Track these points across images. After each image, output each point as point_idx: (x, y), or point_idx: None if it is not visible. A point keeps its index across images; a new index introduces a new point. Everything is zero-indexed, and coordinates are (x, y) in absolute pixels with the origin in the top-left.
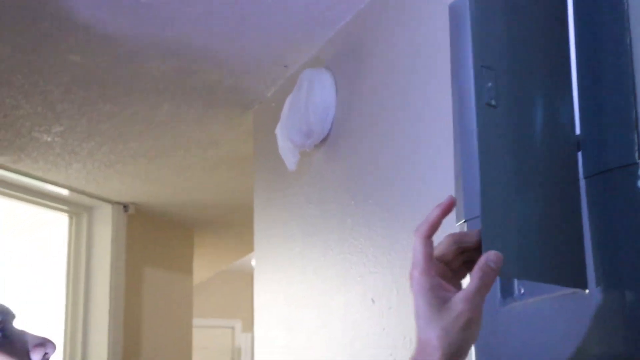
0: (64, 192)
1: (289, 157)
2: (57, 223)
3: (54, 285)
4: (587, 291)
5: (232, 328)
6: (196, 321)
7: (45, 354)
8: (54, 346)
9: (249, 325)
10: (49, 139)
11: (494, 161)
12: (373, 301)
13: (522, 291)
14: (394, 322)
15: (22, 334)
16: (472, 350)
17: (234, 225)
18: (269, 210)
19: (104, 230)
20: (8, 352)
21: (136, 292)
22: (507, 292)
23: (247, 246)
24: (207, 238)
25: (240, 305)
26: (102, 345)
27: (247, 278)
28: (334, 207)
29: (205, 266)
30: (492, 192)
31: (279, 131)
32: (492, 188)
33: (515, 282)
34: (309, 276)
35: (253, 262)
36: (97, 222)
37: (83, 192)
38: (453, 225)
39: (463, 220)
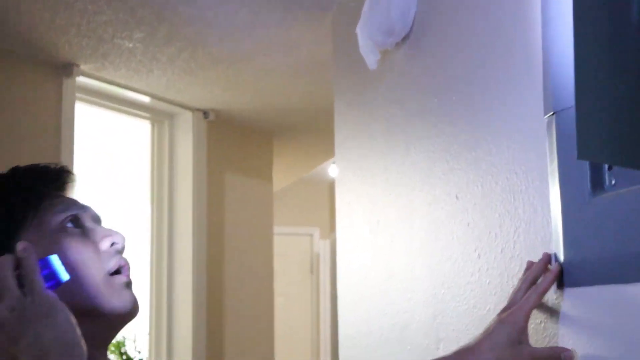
0: (146, 99)
1: (370, 56)
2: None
3: (137, 192)
4: None
5: (311, 235)
6: (275, 229)
7: (113, 243)
8: (122, 237)
9: (326, 233)
10: (130, 45)
11: (589, 46)
12: (457, 197)
13: (614, 182)
14: (478, 217)
15: (94, 227)
16: (560, 241)
17: (313, 131)
18: (350, 111)
19: (185, 137)
20: (78, 239)
21: (218, 198)
22: (597, 184)
23: (326, 153)
24: (286, 145)
25: (318, 213)
26: (186, 250)
27: (324, 186)
28: (416, 105)
29: (283, 174)
30: (587, 79)
31: (359, 30)
32: (587, 75)
33: (606, 173)
34: (392, 175)
35: (331, 170)
36: (178, 129)
37: (164, 99)
38: (540, 117)
39: (552, 113)
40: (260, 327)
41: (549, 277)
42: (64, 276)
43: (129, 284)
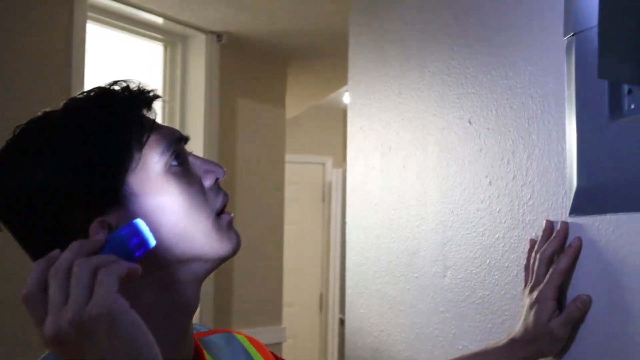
0: (159, 20)
1: None
2: (152, 52)
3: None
4: None
5: (323, 164)
6: (287, 157)
7: (217, 178)
8: (223, 171)
9: (339, 162)
10: None
11: None
12: (470, 122)
13: (633, 106)
14: (491, 142)
15: (194, 158)
16: (575, 167)
17: (327, 57)
18: (364, 33)
19: (198, 61)
20: (182, 179)
21: (230, 122)
22: (615, 108)
23: (340, 80)
24: (300, 70)
25: (331, 142)
26: None
27: (338, 114)
28: (433, 27)
29: (297, 100)
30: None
31: None
32: None
33: (625, 96)
34: (405, 99)
35: (345, 98)
36: (191, 52)
37: (177, 21)
38: (559, 39)
39: (572, 34)
40: (270, 255)
41: (569, 253)
42: (152, 241)
43: (232, 222)
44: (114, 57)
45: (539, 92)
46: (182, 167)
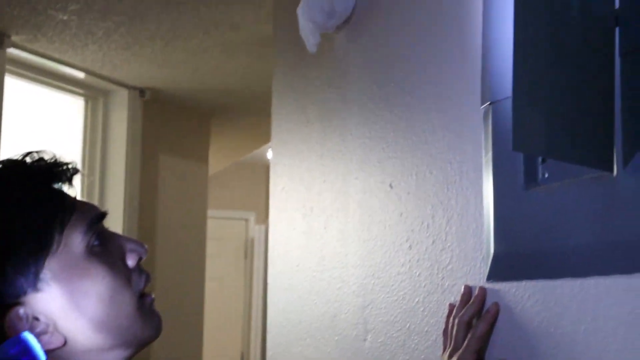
0: (80, 74)
1: (310, 38)
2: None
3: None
4: (614, 174)
5: (246, 220)
6: (211, 212)
7: (140, 258)
8: (146, 250)
9: (262, 218)
10: (65, 18)
11: (530, 36)
12: (391, 186)
13: (546, 175)
14: (411, 206)
15: (115, 237)
16: (492, 234)
17: (251, 114)
18: (288, 94)
19: (120, 116)
20: (105, 260)
21: (152, 179)
22: (530, 176)
23: (263, 137)
24: (224, 127)
25: (255, 198)
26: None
27: (261, 170)
28: (355, 90)
29: (221, 156)
30: (526, 69)
31: (300, 11)
32: (526, 65)
33: (540, 165)
34: (327, 161)
35: (268, 154)
36: (113, 107)
37: (99, 75)
38: (477, 107)
39: (488, 103)
40: (190, 312)
41: (486, 319)
42: (42, 356)
43: (153, 303)
44: (34, 110)
45: (457, 159)
46: (104, 247)
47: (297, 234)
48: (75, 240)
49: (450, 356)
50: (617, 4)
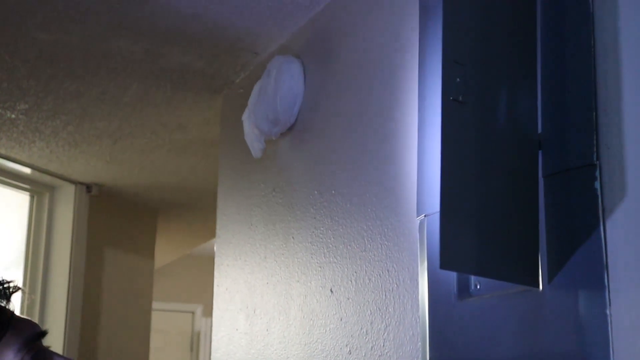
0: (26, 170)
1: (255, 144)
2: (18, 202)
3: (11, 265)
4: (540, 289)
5: (193, 313)
6: (156, 304)
7: None
8: None
9: (209, 310)
10: (12, 116)
11: (457, 156)
12: (332, 291)
13: (478, 287)
14: (351, 312)
15: (51, 355)
16: (427, 342)
17: (197, 210)
18: (233, 196)
19: (66, 211)
20: None
21: (96, 273)
22: (463, 287)
23: (210, 231)
24: (171, 222)
25: (202, 290)
26: (59, 326)
27: (209, 263)
28: (297, 195)
29: (167, 250)
30: (453, 187)
31: (245, 118)
32: (453, 183)
33: (472, 277)
34: (270, 264)
35: (215, 248)
36: (59, 202)
37: (46, 171)
38: (413, 219)
39: (423, 215)
40: None
41: None
42: None
43: None
44: None
45: (394, 267)
46: None
47: (240, 334)
48: (8, 357)
49: None
50: (539, 129)
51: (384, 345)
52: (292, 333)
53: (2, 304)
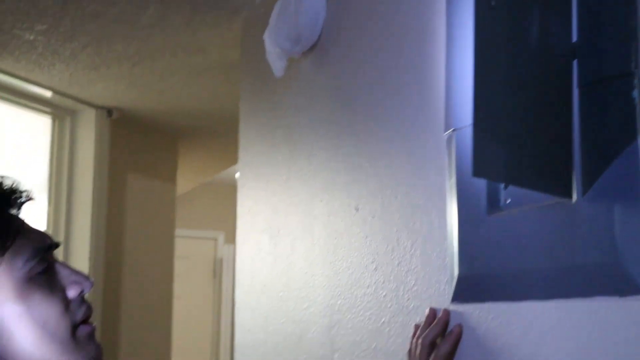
0: (47, 93)
1: (277, 63)
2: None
3: (35, 190)
4: (573, 201)
5: (215, 239)
6: (179, 231)
7: (81, 291)
8: (90, 283)
9: (231, 237)
10: (31, 37)
11: (490, 65)
12: (357, 209)
13: (508, 201)
14: (376, 229)
15: (61, 267)
16: (455, 257)
17: (218, 135)
18: (255, 118)
19: (87, 135)
20: (44, 288)
21: (119, 199)
22: (493, 202)
23: (231, 158)
24: (192, 148)
25: (224, 217)
26: (84, 252)
27: (230, 190)
28: (320, 114)
29: (189, 177)
30: (486, 96)
31: (267, 37)
32: (486, 92)
33: (502, 191)
34: (293, 184)
35: (237, 174)
36: (80, 127)
37: (66, 95)
38: (440, 134)
39: (451, 130)
40: (158, 332)
41: (449, 339)
42: None
43: (93, 333)
44: (1, 129)
45: (421, 183)
46: (46, 275)
47: (263, 255)
48: (16, 266)
49: None
50: (574, 38)
51: (410, 262)
52: (316, 252)
53: (13, 212)
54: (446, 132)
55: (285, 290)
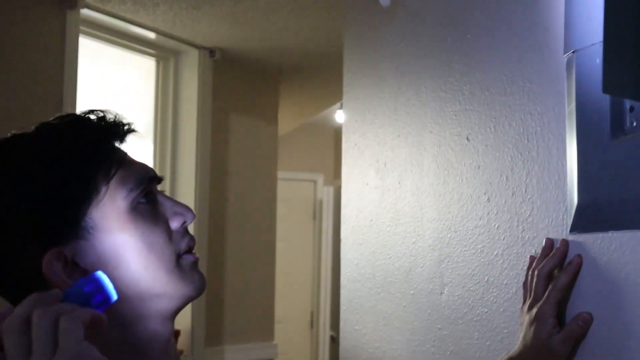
0: (151, 35)
1: None
2: (145, 67)
3: (141, 130)
4: None
5: (314, 181)
6: (279, 173)
7: (184, 222)
8: (193, 215)
9: (330, 179)
10: None
11: None
12: (468, 139)
13: (635, 124)
14: (489, 159)
15: (164, 199)
16: (575, 184)
17: (320, 74)
18: (359, 49)
19: (191, 76)
20: (147, 217)
21: (222, 139)
22: (617, 126)
23: (332, 97)
24: (293, 88)
25: (323, 159)
26: (189, 192)
27: (329, 132)
28: (429, 43)
29: (289, 117)
30: (616, 14)
31: None
32: (616, 9)
33: (628, 114)
34: (401, 116)
35: (337, 116)
36: (183, 68)
37: (170, 36)
38: (559, 56)
39: (571, 51)
40: (262, 272)
41: (569, 270)
42: (114, 296)
43: (196, 263)
44: (107, 70)
45: (538, 109)
46: (149, 205)
47: (370, 189)
48: (120, 195)
49: (530, 308)
50: None
51: (525, 191)
52: (425, 184)
53: (116, 144)
54: (566, 54)
55: (393, 225)
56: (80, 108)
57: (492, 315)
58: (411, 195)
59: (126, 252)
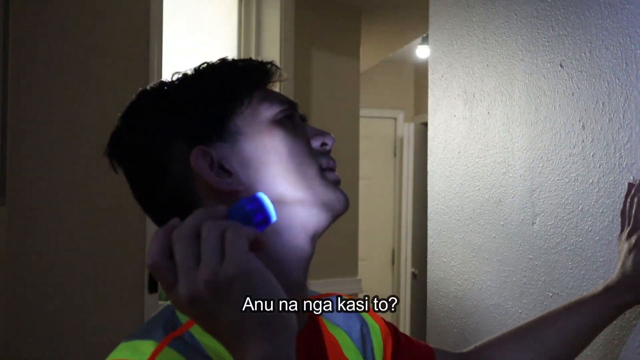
0: None
1: None
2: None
3: None
4: None
5: (395, 118)
6: (360, 111)
7: (324, 143)
8: (332, 139)
9: (411, 116)
10: None
11: None
12: (561, 66)
13: None
14: (584, 85)
15: (306, 125)
16: None
17: (402, 7)
18: None
19: (273, 12)
20: (289, 130)
21: (305, 75)
22: None
23: (413, 31)
24: (374, 22)
25: (402, 96)
26: None
27: (410, 68)
28: None
29: (369, 53)
30: None
31: None
32: None
33: None
34: (490, 44)
35: (418, 51)
36: (265, 4)
37: None
38: None
39: None
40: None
41: None
42: (274, 217)
43: (339, 182)
44: (189, 10)
45: (638, 31)
46: (291, 122)
47: (458, 121)
48: (264, 107)
49: (629, 236)
50: None
51: (623, 117)
52: (516, 113)
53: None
54: None
55: (481, 156)
56: (165, 47)
57: (587, 244)
58: (501, 125)
59: (268, 155)
